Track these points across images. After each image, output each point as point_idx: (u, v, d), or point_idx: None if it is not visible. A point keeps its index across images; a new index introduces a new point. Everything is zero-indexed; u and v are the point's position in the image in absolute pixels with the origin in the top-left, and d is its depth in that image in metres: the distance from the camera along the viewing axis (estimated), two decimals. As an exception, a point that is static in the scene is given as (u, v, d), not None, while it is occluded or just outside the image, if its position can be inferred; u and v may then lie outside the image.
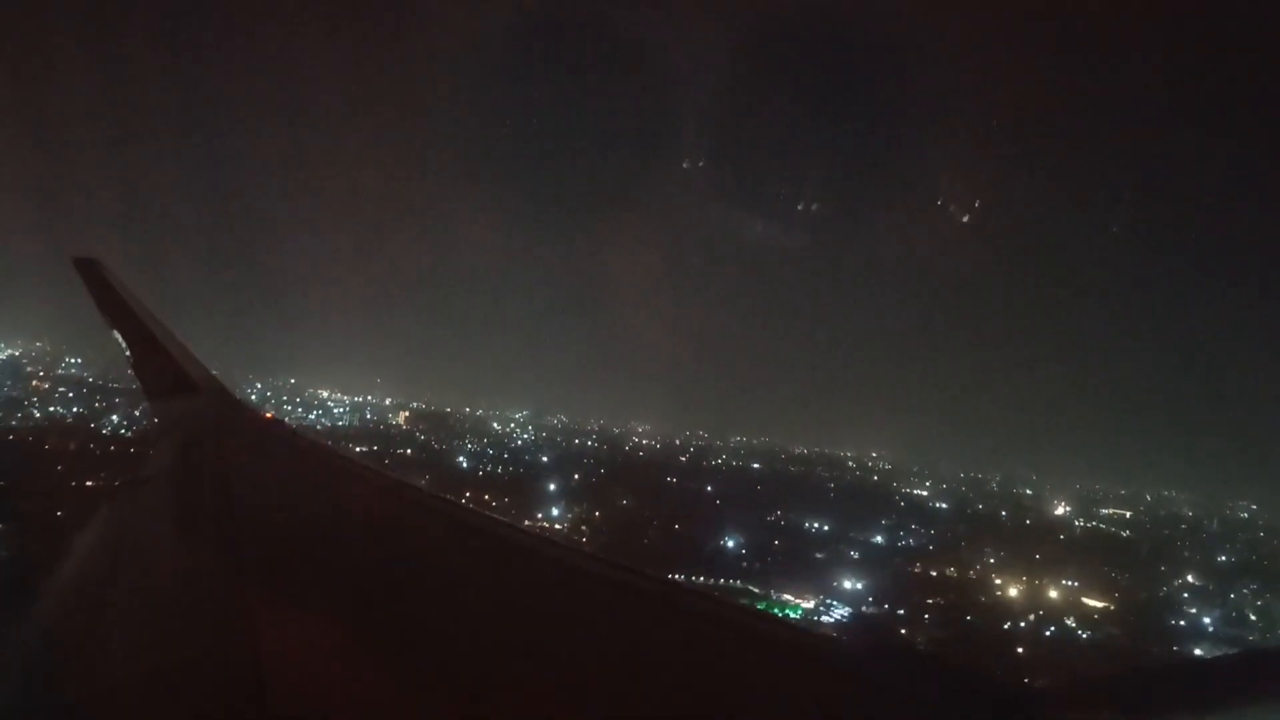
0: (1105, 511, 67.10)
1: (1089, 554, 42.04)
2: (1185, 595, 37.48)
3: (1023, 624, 32.62)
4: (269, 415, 6.02)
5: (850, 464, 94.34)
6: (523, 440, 69.37)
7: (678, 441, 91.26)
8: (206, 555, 2.88)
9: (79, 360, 58.83)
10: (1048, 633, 31.99)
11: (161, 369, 5.80)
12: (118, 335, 5.98)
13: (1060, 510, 66.50)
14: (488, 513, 3.73)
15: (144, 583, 2.86)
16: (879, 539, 41.59)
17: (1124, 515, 66.09)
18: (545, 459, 56.01)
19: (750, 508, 43.51)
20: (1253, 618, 35.07)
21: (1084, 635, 31.98)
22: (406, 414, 71.61)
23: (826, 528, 41.62)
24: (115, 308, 5.99)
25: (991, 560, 39.45)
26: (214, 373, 6.34)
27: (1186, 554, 47.01)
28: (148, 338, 5.90)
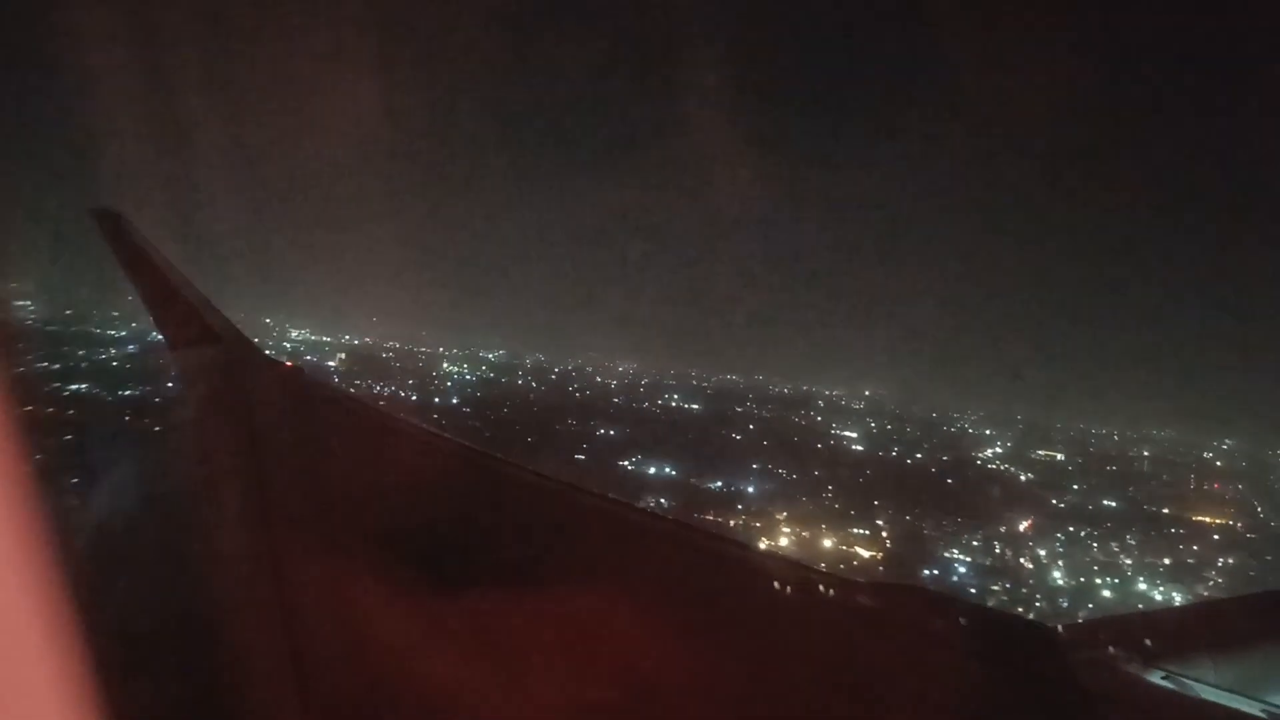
0: (1040, 453, 66.53)
1: (940, 499, 41.70)
2: (975, 544, 36.62)
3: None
4: (289, 364, 6.05)
5: (820, 403, 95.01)
6: (455, 380, 70.40)
7: (644, 381, 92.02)
8: (233, 503, 2.88)
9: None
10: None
11: (183, 320, 5.75)
12: (134, 287, 5.96)
13: (988, 451, 66.11)
14: (521, 463, 3.84)
15: (169, 531, 2.88)
16: (718, 485, 41.82)
17: (1055, 457, 65.47)
18: (454, 400, 57.09)
19: (614, 449, 44.09)
20: (1026, 565, 34.68)
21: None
22: (343, 355, 73.05)
23: (671, 472, 41.88)
24: (135, 259, 5.97)
25: (827, 507, 39.41)
26: (235, 322, 6.33)
27: (1055, 500, 46.41)
28: (168, 288, 5.87)
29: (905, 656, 2.16)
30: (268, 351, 6.77)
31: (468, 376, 74.04)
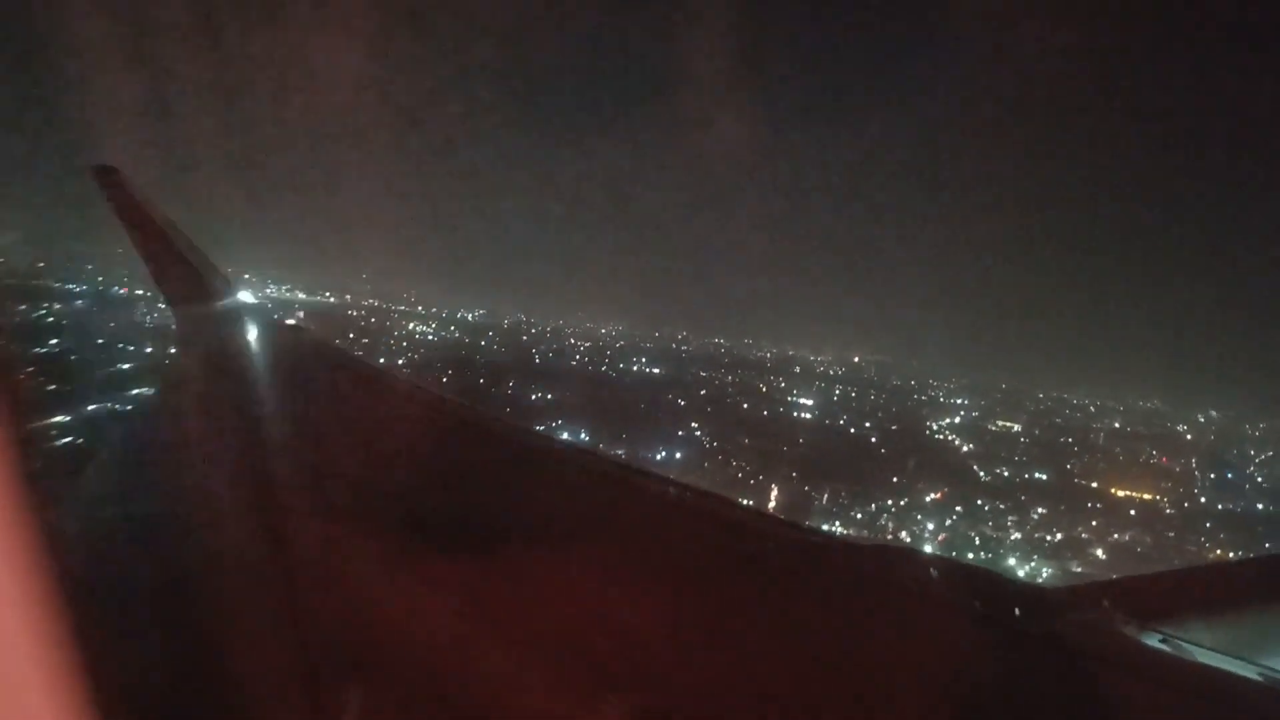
0: (998, 424, 66.21)
1: (856, 470, 41.64)
2: (859, 515, 36.54)
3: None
4: (290, 321, 6.27)
5: (796, 369, 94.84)
6: (414, 341, 70.78)
7: (619, 344, 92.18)
8: (235, 463, 2.90)
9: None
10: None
11: (182, 276, 5.86)
12: (132, 243, 5.99)
13: (945, 421, 65.86)
14: (514, 421, 3.93)
15: (171, 492, 2.87)
16: (622, 452, 41.95)
17: (1011, 428, 65.09)
18: (398, 361, 57.44)
19: (538, 414, 44.36)
20: (904, 538, 34.59)
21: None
22: (301, 313, 73.59)
23: (584, 436, 42.08)
24: (134, 215, 6.02)
25: (730, 475, 39.44)
26: (234, 282, 6.47)
27: (983, 472, 46.23)
28: (167, 244, 5.94)
29: (895, 616, 2.18)
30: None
31: (430, 337, 74.42)
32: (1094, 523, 37.79)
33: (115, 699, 0.95)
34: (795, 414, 60.40)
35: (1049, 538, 35.40)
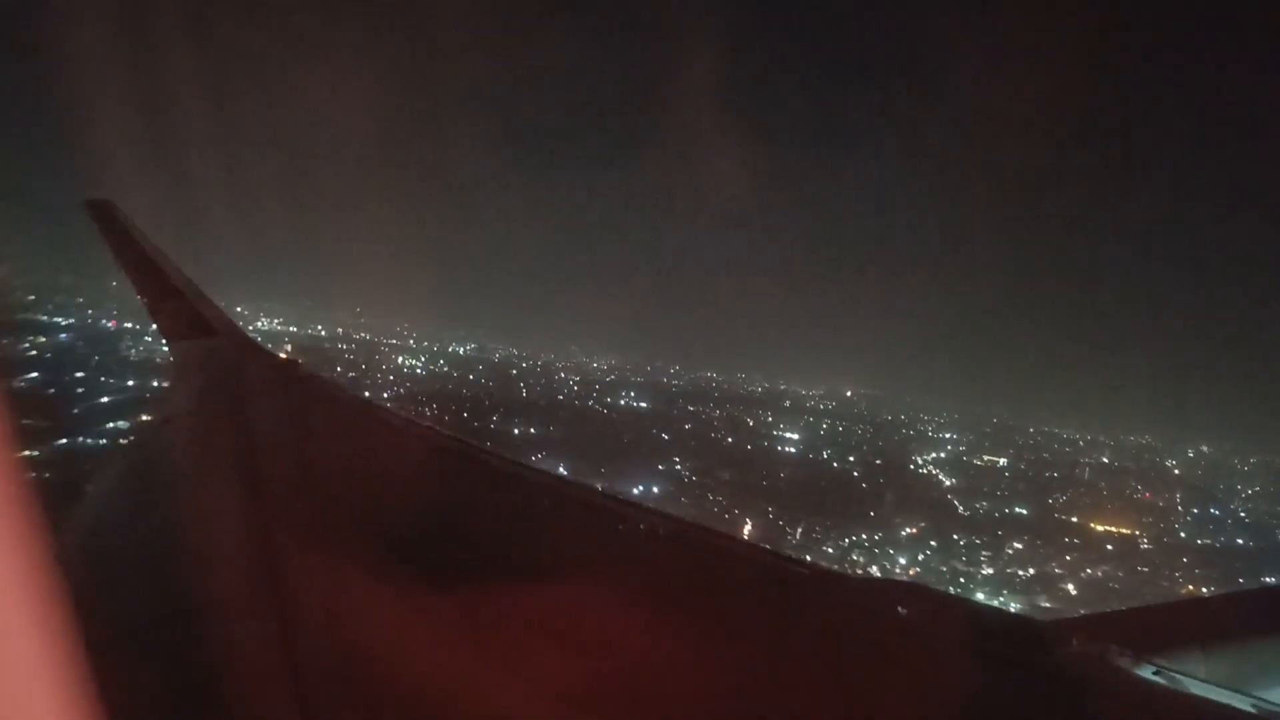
0: (983, 459, 66.15)
1: (834, 504, 41.66)
2: (830, 550, 36.10)
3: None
4: (284, 357, 6.07)
5: (786, 403, 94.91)
6: (400, 374, 70.98)
7: (609, 378, 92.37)
8: (229, 496, 2.89)
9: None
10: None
11: (177, 310, 5.81)
12: (127, 277, 6.01)
13: (930, 455, 65.81)
14: (512, 456, 3.90)
15: (166, 523, 2.86)
16: (600, 486, 41.83)
17: (997, 462, 65.05)
18: (383, 395, 57.61)
19: (521, 448, 44.44)
20: (874, 572, 34.51)
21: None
22: (289, 346, 73.93)
23: (563, 471, 42.00)
24: (129, 250, 6.01)
25: (705, 509, 39.42)
26: (230, 315, 6.43)
27: (962, 507, 46.23)
28: (162, 279, 5.91)
29: (893, 649, 2.18)
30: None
31: (419, 371, 74.62)
32: (1068, 558, 37.71)
33: None
34: (780, 448, 60.47)
35: (1021, 573, 35.31)
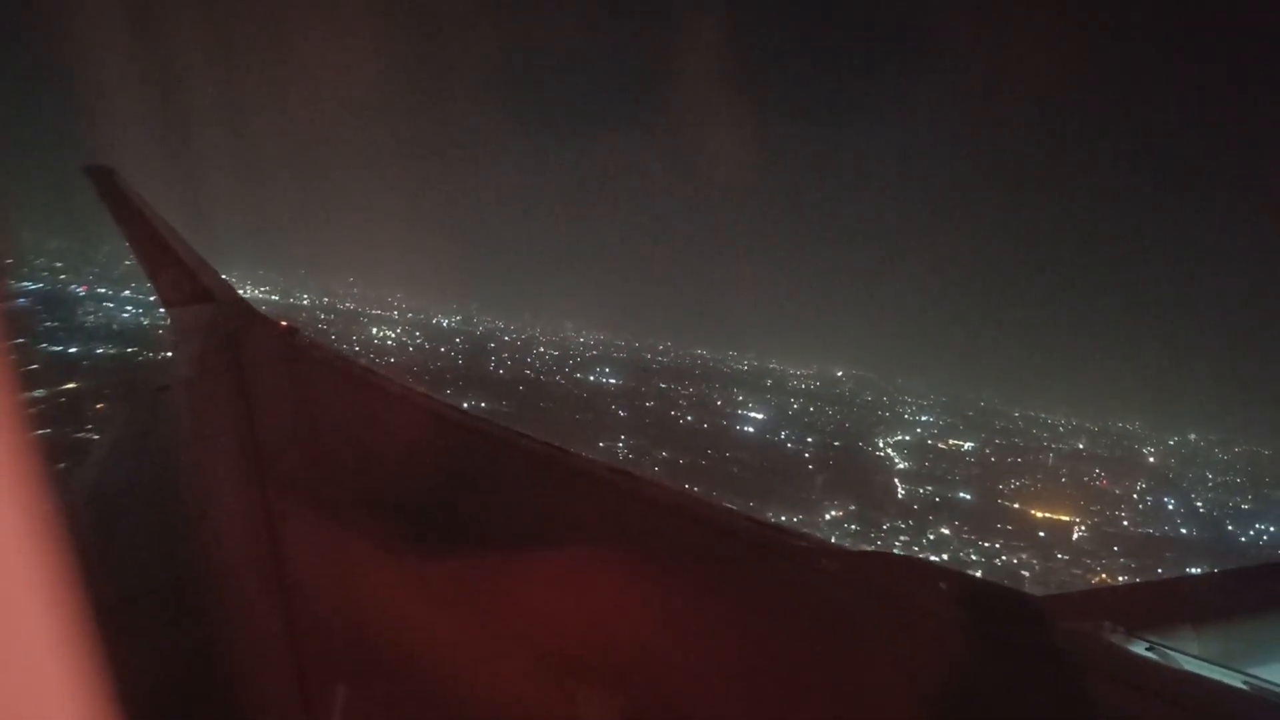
0: (949, 443, 65.78)
1: (769, 485, 41.63)
2: None
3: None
4: (284, 324, 6.11)
5: (767, 381, 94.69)
6: (371, 345, 71.28)
7: (591, 353, 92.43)
8: (229, 464, 2.91)
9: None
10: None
11: (177, 277, 5.90)
12: (128, 243, 6.06)
13: (894, 438, 65.53)
14: (509, 426, 3.97)
15: (167, 490, 2.88)
16: None
17: (962, 447, 64.68)
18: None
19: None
20: None
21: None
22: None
23: None
24: (130, 216, 6.05)
25: None
26: (229, 280, 6.45)
27: (902, 491, 46.08)
28: (163, 246, 5.97)
29: (888, 623, 2.19)
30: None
31: (390, 342, 74.95)
32: (987, 544, 37.52)
33: (108, 700, 0.98)
34: (738, 428, 60.32)
35: (933, 557, 35.12)
